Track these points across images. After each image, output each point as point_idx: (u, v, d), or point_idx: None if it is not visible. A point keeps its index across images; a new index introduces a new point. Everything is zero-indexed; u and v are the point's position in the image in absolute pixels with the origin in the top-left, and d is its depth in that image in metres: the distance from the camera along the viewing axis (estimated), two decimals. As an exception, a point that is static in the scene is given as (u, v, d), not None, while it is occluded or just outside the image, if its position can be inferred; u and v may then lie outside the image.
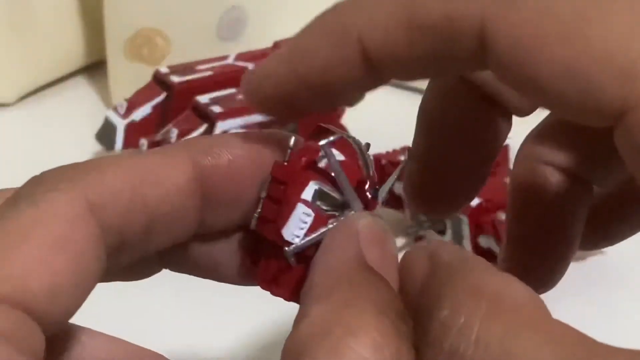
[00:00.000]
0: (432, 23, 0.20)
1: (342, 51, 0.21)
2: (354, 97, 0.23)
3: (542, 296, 0.20)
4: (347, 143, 0.23)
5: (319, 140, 0.23)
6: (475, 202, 0.48)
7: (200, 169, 0.23)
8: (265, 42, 0.64)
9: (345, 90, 0.22)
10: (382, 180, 0.24)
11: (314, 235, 0.22)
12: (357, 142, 0.23)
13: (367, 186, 0.22)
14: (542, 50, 0.19)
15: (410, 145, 0.28)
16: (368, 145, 0.24)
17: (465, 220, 0.50)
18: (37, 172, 0.22)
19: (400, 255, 0.22)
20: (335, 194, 0.22)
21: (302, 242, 0.22)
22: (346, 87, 0.22)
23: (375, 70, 0.21)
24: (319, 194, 0.22)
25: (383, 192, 0.23)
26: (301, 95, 0.22)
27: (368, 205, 0.22)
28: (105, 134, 0.58)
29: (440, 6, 0.20)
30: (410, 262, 0.22)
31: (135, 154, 0.23)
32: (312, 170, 0.22)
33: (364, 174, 0.23)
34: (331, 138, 0.23)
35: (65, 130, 0.66)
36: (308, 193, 0.22)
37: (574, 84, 0.18)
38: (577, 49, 0.18)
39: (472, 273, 0.19)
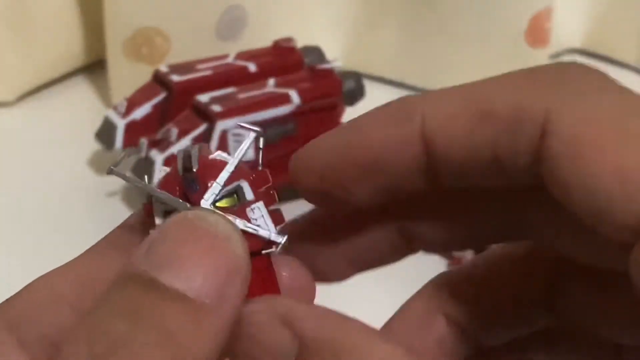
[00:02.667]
0: (497, 112, 0.20)
1: (403, 128, 0.21)
2: (403, 190, 0.22)
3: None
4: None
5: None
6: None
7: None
8: (265, 42, 0.64)
9: (395, 177, 0.22)
10: None
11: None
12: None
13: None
14: (599, 151, 0.18)
15: None
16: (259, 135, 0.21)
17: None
18: (37, 171, 0.21)
19: None
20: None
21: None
22: (397, 172, 0.21)
23: (431, 162, 0.21)
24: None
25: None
26: (350, 175, 0.21)
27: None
28: (105, 133, 0.58)
29: (508, 97, 0.20)
30: (258, 333, 0.19)
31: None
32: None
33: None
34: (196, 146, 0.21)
35: (65, 130, 0.66)
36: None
37: (623, 193, 0.18)
38: (634, 159, 0.18)
39: (361, 350, 0.18)
